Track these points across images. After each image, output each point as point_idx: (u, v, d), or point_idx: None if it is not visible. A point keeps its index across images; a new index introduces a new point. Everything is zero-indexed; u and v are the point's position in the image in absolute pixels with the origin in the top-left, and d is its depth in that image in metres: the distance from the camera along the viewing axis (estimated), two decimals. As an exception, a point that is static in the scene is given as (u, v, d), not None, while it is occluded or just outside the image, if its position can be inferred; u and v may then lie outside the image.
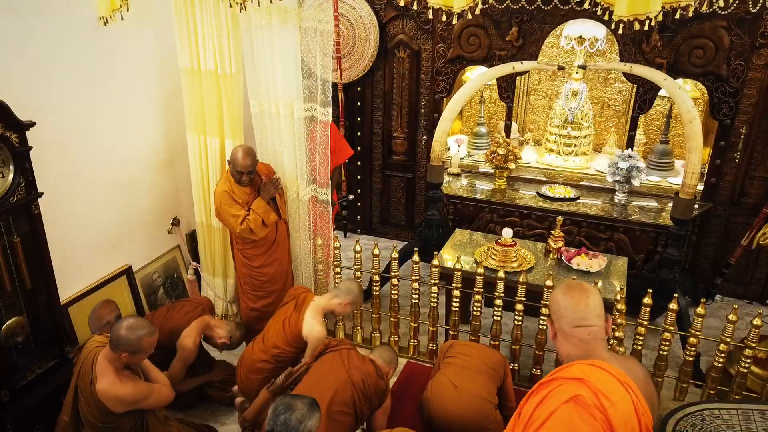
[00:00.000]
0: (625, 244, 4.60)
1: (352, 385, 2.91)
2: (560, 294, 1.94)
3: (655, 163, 4.98)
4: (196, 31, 3.76)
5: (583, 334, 1.87)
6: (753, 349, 3.26)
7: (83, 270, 3.76)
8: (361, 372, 2.98)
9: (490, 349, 3.34)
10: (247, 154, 3.63)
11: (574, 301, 1.89)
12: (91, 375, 2.72)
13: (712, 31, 4.20)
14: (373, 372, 3.02)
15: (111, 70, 3.75)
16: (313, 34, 3.64)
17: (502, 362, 3.24)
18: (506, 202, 4.83)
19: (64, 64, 3.43)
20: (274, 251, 3.93)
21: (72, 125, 3.54)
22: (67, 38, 3.43)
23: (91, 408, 2.74)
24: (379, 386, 3.02)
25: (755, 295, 4.85)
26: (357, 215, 5.99)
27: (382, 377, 3.06)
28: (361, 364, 3.04)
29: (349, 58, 5.26)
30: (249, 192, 3.76)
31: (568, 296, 1.91)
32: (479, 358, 3.17)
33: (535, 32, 4.65)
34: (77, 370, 2.82)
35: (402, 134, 5.52)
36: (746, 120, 4.40)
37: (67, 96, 3.49)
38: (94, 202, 3.79)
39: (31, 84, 3.25)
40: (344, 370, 2.96)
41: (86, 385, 2.75)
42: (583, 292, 1.92)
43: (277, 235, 3.93)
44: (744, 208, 4.64)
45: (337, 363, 3.02)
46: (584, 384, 1.70)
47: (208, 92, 3.91)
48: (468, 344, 3.34)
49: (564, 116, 5.03)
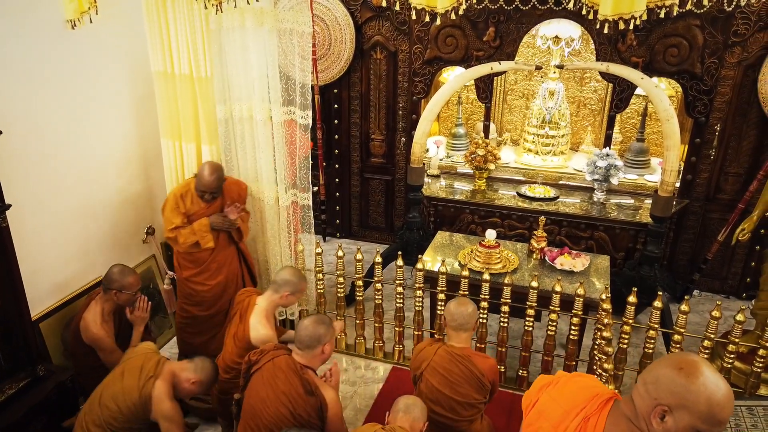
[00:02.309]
0: (605, 242, 4.62)
1: (282, 418, 2.52)
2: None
3: (632, 162, 5.02)
4: (169, 34, 3.65)
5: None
6: (737, 344, 3.29)
7: (54, 284, 3.61)
8: (285, 398, 2.53)
9: (464, 391, 2.89)
10: (213, 172, 3.53)
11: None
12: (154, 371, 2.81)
13: (686, 30, 4.25)
14: (298, 393, 2.54)
15: (80, 75, 3.61)
16: (290, 36, 3.56)
17: (483, 393, 2.93)
18: (487, 203, 4.82)
19: (30, 70, 3.28)
20: (206, 270, 3.73)
21: (40, 133, 3.39)
22: (34, 42, 3.28)
23: (123, 409, 2.76)
24: (309, 405, 2.55)
25: (732, 289, 4.93)
26: (335, 219, 5.91)
27: (311, 392, 2.55)
28: (283, 384, 2.56)
29: (325, 59, 5.18)
30: (205, 207, 3.64)
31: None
32: (459, 399, 2.90)
33: (512, 32, 4.65)
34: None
35: (380, 136, 5.46)
36: (720, 117, 4.47)
37: (34, 103, 3.33)
38: (65, 213, 3.64)
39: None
40: (269, 403, 2.54)
41: (137, 385, 2.79)
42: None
43: (214, 257, 3.73)
44: (719, 204, 4.71)
45: (262, 393, 2.58)
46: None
47: (182, 96, 3.80)
48: (442, 387, 2.89)
49: (542, 116, 5.05)
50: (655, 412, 1.48)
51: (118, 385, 2.78)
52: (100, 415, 2.74)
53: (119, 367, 2.91)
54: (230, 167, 3.95)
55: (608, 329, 3.22)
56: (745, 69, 4.29)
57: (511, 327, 3.81)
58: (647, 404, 1.51)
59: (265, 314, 3.18)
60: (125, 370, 2.85)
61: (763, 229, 4.37)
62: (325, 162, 5.49)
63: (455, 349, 2.92)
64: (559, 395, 1.78)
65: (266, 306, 3.21)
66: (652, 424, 1.50)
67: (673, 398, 1.45)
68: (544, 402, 1.80)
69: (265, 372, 2.62)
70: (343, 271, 4.01)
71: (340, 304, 4.12)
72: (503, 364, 3.81)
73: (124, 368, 2.87)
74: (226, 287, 3.82)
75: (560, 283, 3.52)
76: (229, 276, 3.81)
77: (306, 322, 2.69)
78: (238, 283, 3.87)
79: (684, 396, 1.44)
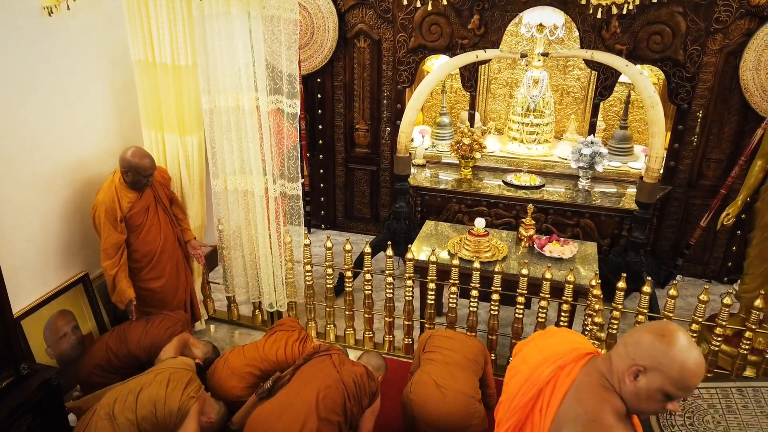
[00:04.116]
0: (591, 229, 4.66)
1: (343, 385, 2.85)
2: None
3: (616, 149, 5.06)
4: (149, 21, 3.54)
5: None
6: (724, 327, 3.34)
7: (35, 280, 3.50)
8: (352, 373, 2.92)
9: (469, 339, 3.31)
10: (145, 154, 3.48)
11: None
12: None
13: (669, 17, 4.28)
14: (363, 373, 2.97)
15: (58, 64, 3.48)
16: (276, 23, 3.48)
17: (482, 351, 3.23)
18: (473, 192, 4.81)
19: (4, 59, 3.15)
20: (153, 268, 3.69)
21: (15, 126, 3.26)
22: (8, 30, 3.15)
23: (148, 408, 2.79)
24: (370, 387, 2.97)
25: (713, 274, 5.01)
26: (320, 210, 5.86)
27: (373, 378, 3.02)
28: (351, 366, 3.00)
29: (308, 48, 5.10)
30: (135, 198, 3.55)
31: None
32: (461, 352, 3.13)
33: (496, 20, 4.63)
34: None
35: (365, 126, 5.41)
36: (702, 104, 4.52)
37: (8, 94, 3.21)
38: (44, 208, 3.52)
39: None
40: (335, 371, 2.91)
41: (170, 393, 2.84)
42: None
43: (159, 252, 3.69)
44: (702, 190, 4.77)
45: (327, 365, 2.96)
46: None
47: (164, 86, 3.70)
48: (448, 335, 3.29)
49: (526, 104, 5.05)
50: (630, 371, 1.60)
51: (162, 391, 2.83)
52: (134, 410, 2.77)
53: (163, 373, 2.94)
54: (216, 159, 3.87)
55: (599, 315, 3.25)
56: (727, 56, 4.34)
57: (501, 315, 3.81)
58: (624, 363, 1.62)
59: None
60: (171, 379, 2.89)
61: (744, 214, 4.44)
62: (309, 153, 5.43)
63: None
64: (543, 344, 1.92)
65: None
66: (625, 381, 1.61)
67: (650, 361, 1.57)
68: (529, 349, 1.94)
69: (334, 356, 3.02)
70: (332, 262, 3.97)
71: (328, 296, 4.09)
72: (494, 352, 3.82)
73: (169, 377, 2.90)
74: (175, 292, 3.83)
75: (550, 270, 3.53)
76: (172, 281, 3.80)
77: (375, 353, 3.45)
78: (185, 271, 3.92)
79: (660, 360, 1.56)
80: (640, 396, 1.59)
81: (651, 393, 1.57)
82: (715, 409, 2.81)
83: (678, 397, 1.57)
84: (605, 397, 1.63)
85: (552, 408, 1.69)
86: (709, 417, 2.79)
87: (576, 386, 1.69)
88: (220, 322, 4.47)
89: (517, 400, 1.79)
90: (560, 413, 1.67)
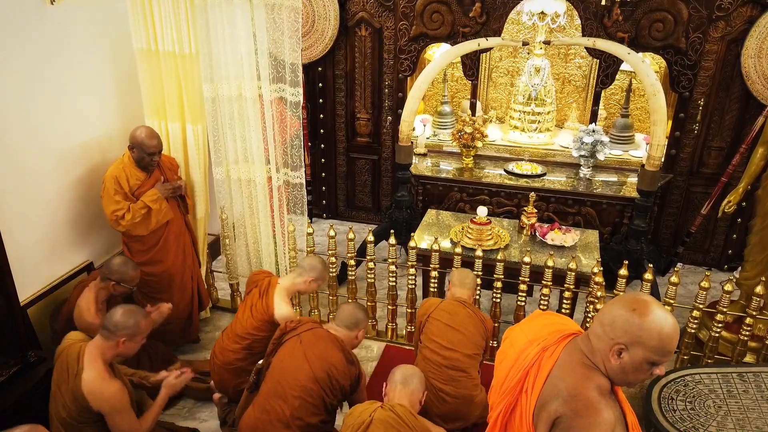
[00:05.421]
0: (592, 217, 4.68)
1: (317, 383, 2.68)
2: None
3: (617, 137, 5.07)
4: (152, 9, 3.53)
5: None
6: (725, 314, 3.36)
7: (41, 269, 3.52)
8: (326, 363, 2.71)
9: (470, 325, 3.17)
10: (153, 135, 3.51)
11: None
12: (77, 367, 2.63)
13: (671, 5, 4.27)
14: (340, 360, 2.74)
15: (60, 52, 3.47)
16: (279, 11, 3.47)
17: (483, 335, 3.20)
18: (475, 181, 4.82)
19: (6, 47, 3.14)
20: (160, 250, 3.70)
21: (17, 116, 3.26)
22: (10, 18, 3.14)
23: (69, 404, 2.63)
24: (349, 374, 2.76)
25: (713, 261, 5.04)
26: (322, 199, 5.87)
27: (352, 362, 2.79)
28: (324, 351, 2.75)
29: (308, 37, 5.09)
30: (145, 179, 3.57)
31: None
32: (461, 351, 3.08)
33: (498, 8, 4.62)
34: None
35: (366, 115, 5.41)
36: (704, 92, 4.52)
37: (10, 82, 3.20)
38: (48, 198, 3.53)
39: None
40: (307, 365, 2.70)
41: (66, 379, 2.63)
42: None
43: (166, 234, 3.70)
44: (703, 178, 4.79)
45: (299, 356, 2.74)
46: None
47: (166, 74, 3.70)
48: (448, 321, 3.15)
49: (527, 93, 5.05)
50: (613, 350, 1.64)
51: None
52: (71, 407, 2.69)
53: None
54: (218, 147, 3.87)
55: (601, 302, 3.28)
56: (729, 43, 4.34)
57: (503, 302, 3.84)
58: (605, 344, 1.66)
59: (287, 294, 3.35)
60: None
61: (745, 202, 4.46)
62: (310, 142, 5.43)
63: (459, 299, 3.28)
64: (528, 328, 1.98)
65: (288, 287, 3.38)
66: (610, 360, 1.66)
67: (629, 337, 1.61)
68: (516, 333, 1.99)
69: (305, 339, 2.80)
70: (335, 251, 3.99)
71: (332, 284, 4.11)
72: (496, 339, 3.85)
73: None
74: (182, 276, 3.84)
75: (552, 258, 3.56)
76: (177, 266, 3.80)
77: (349, 306, 3.05)
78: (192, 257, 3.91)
79: (638, 334, 1.60)
80: (627, 370, 1.64)
81: (637, 365, 1.62)
82: (716, 394, 2.84)
83: (662, 362, 1.62)
84: (586, 374, 1.69)
85: (537, 388, 1.75)
86: (710, 402, 2.82)
87: (558, 365, 1.75)
88: (224, 310, 4.49)
89: (507, 383, 1.85)
90: (544, 392, 1.73)
